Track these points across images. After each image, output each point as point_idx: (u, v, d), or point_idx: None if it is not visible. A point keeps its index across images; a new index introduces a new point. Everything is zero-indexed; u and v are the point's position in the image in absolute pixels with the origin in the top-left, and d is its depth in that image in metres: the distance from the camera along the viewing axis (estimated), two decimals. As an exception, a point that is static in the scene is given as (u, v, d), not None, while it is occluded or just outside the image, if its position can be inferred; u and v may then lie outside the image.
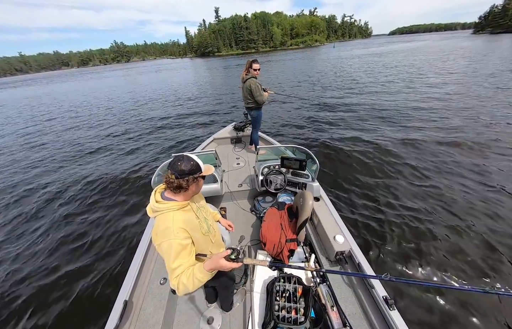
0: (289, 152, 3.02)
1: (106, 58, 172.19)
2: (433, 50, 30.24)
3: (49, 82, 44.61)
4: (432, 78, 12.50)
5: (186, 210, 1.25)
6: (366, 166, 4.68)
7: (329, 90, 11.71)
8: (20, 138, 9.10)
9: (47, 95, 23.16)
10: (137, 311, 1.71)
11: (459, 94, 9.04)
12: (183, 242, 1.15)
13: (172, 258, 1.11)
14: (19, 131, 10.10)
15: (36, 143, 8.22)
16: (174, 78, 26.76)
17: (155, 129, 8.48)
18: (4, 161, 6.91)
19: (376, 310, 1.64)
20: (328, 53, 40.72)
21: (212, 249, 1.41)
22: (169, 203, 1.18)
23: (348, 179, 4.31)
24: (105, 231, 3.60)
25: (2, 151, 7.74)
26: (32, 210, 4.31)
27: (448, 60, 19.20)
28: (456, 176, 4.11)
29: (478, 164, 4.39)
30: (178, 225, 1.15)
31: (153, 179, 2.36)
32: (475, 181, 3.94)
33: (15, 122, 12.02)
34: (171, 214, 1.17)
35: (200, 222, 1.31)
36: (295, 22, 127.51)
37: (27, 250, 3.38)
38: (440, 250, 2.79)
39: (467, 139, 5.34)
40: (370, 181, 4.20)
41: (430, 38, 77.72)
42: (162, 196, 1.23)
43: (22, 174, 5.91)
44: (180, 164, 1.17)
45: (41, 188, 5.09)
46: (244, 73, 3.65)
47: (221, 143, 4.60)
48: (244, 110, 4.12)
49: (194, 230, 1.24)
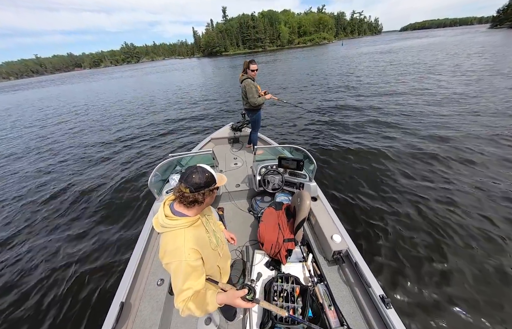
0: (286, 152, 3.01)
1: (117, 59, 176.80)
2: (446, 46, 29.15)
3: (63, 83, 46.09)
4: (435, 79, 11.94)
5: (197, 226, 1.18)
6: (364, 166, 4.64)
7: (331, 91, 11.46)
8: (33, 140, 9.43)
9: (62, 95, 23.96)
10: (133, 313, 1.70)
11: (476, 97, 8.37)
12: (194, 263, 1.08)
13: (182, 280, 1.05)
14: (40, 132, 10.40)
15: (40, 146, 8.35)
16: (181, 77, 27.09)
17: (155, 129, 8.45)
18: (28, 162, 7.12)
19: (373, 309, 1.64)
20: (336, 52, 39.97)
21: (220, 263, 1.35)
22: (181, 219, 1.10)
23: (346, 179, 4.29)
24: (102, 231, 3.60)
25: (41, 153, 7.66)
26: (26, 211, 4.32)
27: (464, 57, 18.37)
28: (460, 184, 3.93)
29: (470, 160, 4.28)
30: (189, 246, 1.08)
31: (150, 179, 2.32)
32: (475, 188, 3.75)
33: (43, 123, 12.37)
34: (182, 232, 1.09)
35: (210, 237, 1.26)
36: (302, 20, 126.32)
37: (21, 251, 3.39)
38: (440, 253, 2.75)
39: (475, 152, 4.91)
40: (369, 181, 4.16)
41: (445, 33, 74.81)
42: (171, 209, 1.14)
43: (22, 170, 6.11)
44: (194, 177, 1.08)
45: (35, 187, 5.16)
46: (241, 74, 3.62)
47: (219, 143, 4.58)
48: (241, 110, 4.10)
49: (204, 248, 1.18)
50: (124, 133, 8.50)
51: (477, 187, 3.73)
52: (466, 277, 2.46)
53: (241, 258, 2.23)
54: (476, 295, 2.29)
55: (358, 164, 4.73)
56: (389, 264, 2.67)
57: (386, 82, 12.17)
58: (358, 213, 3.46)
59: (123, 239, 3.40)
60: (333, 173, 4.54)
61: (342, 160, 4.97)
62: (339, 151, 5.39)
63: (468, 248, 2.78)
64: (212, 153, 2.59)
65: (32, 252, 3.38)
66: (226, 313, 1.79)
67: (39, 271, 3.02)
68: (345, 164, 4.83)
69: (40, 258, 3.23)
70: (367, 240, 2.98)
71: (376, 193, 3.85)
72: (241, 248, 2.34)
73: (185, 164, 3.06)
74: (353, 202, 3.68)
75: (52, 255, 3.27)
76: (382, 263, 2.68)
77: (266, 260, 2.11)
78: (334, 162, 4.94)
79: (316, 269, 2.02)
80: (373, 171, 4.46)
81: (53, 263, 3.12)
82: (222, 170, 3.51)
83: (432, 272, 2.55)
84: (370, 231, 3.11)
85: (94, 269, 2.95)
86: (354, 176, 4.35)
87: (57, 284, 2.81)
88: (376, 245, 2.90)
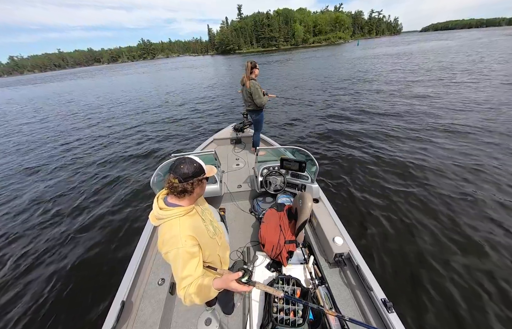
0: (288, 154, 2.98)
1: (134, 55, 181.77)
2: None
3: (80, 77, 47.76)
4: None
5: (192, 215, 1.21)
6: (367, 169, 4.57)
7: (337, 94, 11.23)
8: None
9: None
10: (134, 312, 1.71)
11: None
12: (191, 249, 1.11)
13: (180, 267, 1.08)
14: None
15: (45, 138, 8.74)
16: (193, 75, 27.46)
17: (156, 129, 8.48)
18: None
19: (375, 313, 1.62)
20: (351, 52, 39.01)
21: (220, 252, 1.37)
22: (174, 209, 1.13)
23: (348, 181, 4.23)
24: (103, 230, 3.61)
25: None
26: (28, 206, 4.39)
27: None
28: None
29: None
30: (185, 233, 1.11)
31: (152, 179, 2.33)
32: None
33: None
34: (177, 221, 1.12)
35: (207, 225, 1.28)
36: (318, 19, 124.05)
37: (21, 247, 3.42)
38: (445, 258, 2.69)
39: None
40: (372, 184, 4.10)
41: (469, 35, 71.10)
42: (165, 202, 1.17)
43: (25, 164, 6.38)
44: (183, 167, 1.11)
45: (30, 184, 5.25)
46: (245, 76, 3.57)
47: (221, 144, 4.59)
48: (242, 111, 4.07)
49: (201, 235, 1.20)
50: (129, 132, 8.51)
51: (481, 190, 3.61)
52: (472, 283, 2.40)
53: (242, 259, 2.23)
54: (484, 303, 2.23)
55: (361, 167, 4.67)
56: (391, 267, 2.63)
57: (393, 85, 11.83)
58: (360, 215, 3.42)
59: (124, 237, 3.42)
60: (335, 175, 4.49)
61: (344, 163, 4.90)
62: (341, 153, 5.32)
63: (475, 254, 2.71)
64: (214, 154, 2.58)
65: (31, 249, 3.39)
66: (224, 307, 1.80)
67: (40, 270, 3.03)
68: (347, 166, 4.77)
69: (40, 257, 3.23)
70: (369, 243, 2.95)
71: (379, 196, 3.79)
72: (242, 249, 2.35)
73: None
74: (355, 204, 3.64)
75: (52, 254, 3.27)
76: (384, 266, 2.64)
77: (267, 262, 2.10)
78: (337, 164, 4.89)
79: (317, 272, 2.00)
80: (376, 174, 4.39)
81: (53, 262, 3.13)
82: (224, 171, 3.51)
83: (436, 277, 2.49)
84: (372, 234, 3.07)
85: (95, 268, 2.98)
86: (357, 179, 4.29)
87: (57, 282, 2.83)
88: (378, 248, 2.86)
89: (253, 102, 3.58)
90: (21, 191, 5.03)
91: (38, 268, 3.07)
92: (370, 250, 2.84)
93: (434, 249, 2.80)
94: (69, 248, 3.34)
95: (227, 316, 1.82)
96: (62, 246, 3.39)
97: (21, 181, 5.55)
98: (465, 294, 2.31)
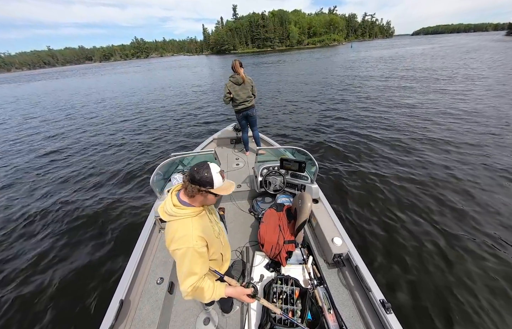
0: (288, 154, 3.00)
1: (127, 54, 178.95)
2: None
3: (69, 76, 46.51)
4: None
5: (202, 216, 1.25)
6: (367, 170, 4.61)
7: (335, 94, 11.38)
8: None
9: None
10: (133, 311, 1.71)
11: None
12: (200, 250, 1.15)
13: (188, 266, 1.11)
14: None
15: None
16: (188, 74, 27.22)
17: (156, 129, 8.45)
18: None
19: (373, 313, 1.63)
20: (345, 54, 39.48)
21: (222, 251, 1.41)
22: (188, 209, 1.16)
23: (348, 182, 4.26)
24: (102, 228, 3.60)
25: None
26: (28, 204, 4.38)
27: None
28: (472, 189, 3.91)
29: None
30: (196, 233, 1.14)
31: (152, 178, 2.33)
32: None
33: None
34: (189, 221, 1.16)
35: (213, 225, 1.32)
36: (313, 21, 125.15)
37: (20, 247, 3.40)
38: (445, 260, 2.72)
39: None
40: (371, 186, 4.13)
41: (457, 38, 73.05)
42: (178, 198, 1.19)
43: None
44: (196, 170, 1.14)
45: (29, 181, 5.24)
46: (243, 73, 3.54)
47: (221, 144, 4.60)
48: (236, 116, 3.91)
49: (209, 235, 1.24)
50: (127, 131, 8.48)
51: (489, 191, 3.66)
52: (471, 285, 2.43)
53: (241, 259, 2.23)
54: (483, 303, 2.25)
55: (361, 168, 4.70)
56: (390, 268, 2.65)
57: (393, 85, 12.00)
58: (359, 216, 3.44)
59: (123, 236, 3.40)
60: (335, 175, 4.51)
61: (345, 163, 4.94)
62: (341, 154, 5.37)
63: (474, 256, 2.74)
64: (214, 153, 2.59)
65: (31, 248, 3.37)
66: (223, 306, 1.81)
67: (38, 269, 3.01)
68: (347, 167, 4.80)
69: (39, 256, 3.21)
70: (368, 244, 2.96)
71: (378, 196, 3.82)
72: (241, 248, 2.35)
73: (187, 164, 3.08)
74: (354, 205, 3.66)
75: (51, 253, 3.25)
76: (383, 267, 2.66)
77: (266, 262, 2.11)
78: (336, 164, 4.92)
79: (316, 272, 2.01)
80: (376, 175, 4.42)
81: (52, 261, 3.12)
82: (224, 171, 3.48)
83: (436, 279, 2.51)
84: (371, 235, 3.09)
85: (94, 266, 2.96)
86: (357, 180, 4.32)
87: (57, 281, 2.82)
88: (377, 249, 2.88)
89: (254, 95, 3.62)
90: (21, 192, 4.96)
91: (37, 268, 3.04)
92: (369, 251, 2.86)
93: (433, 251, 2.82)
94: (68, 247, 3.32)
95: (226, 316, 1.81)
96: (61, 245, 3.36)
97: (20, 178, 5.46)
98: (465, 295, 2.34)
